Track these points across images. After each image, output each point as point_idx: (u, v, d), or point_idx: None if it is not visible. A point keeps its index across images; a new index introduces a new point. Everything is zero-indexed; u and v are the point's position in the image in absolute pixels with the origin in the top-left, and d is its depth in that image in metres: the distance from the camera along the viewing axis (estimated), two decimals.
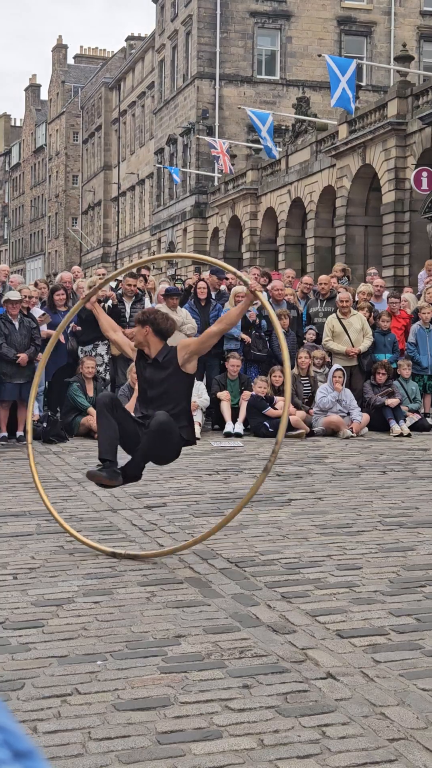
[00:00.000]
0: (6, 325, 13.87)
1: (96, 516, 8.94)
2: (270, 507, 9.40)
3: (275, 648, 5.28)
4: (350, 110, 34.16)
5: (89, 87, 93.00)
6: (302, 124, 43.29)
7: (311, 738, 4.19)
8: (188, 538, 7.98)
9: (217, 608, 6.03)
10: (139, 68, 74.24)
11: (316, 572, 6.91)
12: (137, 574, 6.86)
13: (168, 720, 4.36)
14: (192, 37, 56.87)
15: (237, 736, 4.21)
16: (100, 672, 4.94)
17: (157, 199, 66.22)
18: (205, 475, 11.25)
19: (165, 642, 5.39)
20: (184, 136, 58.11)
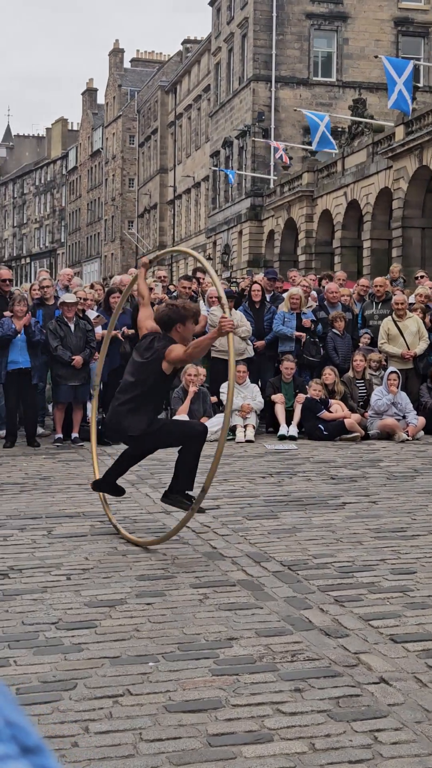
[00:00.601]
0: (62, 327, 13.96)
1: (149, 518, 8.97)
2: (324, 510, 9.36)
3: (328, 652, 5.26)
4: (407, 111, 33.94)
5: (145, 90, 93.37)
6: (358, 126, 43.09)
7: (363, 743, 4.16)
8: (241, 541, 7.98)
9: (269, 611, 6.01)
10: (195, 71, 74.40)
11: (369, 576, 6.86)
12: (190, 576, 6.86)
13: (219, 722, 4.36)
14: (248, 39, 56.86)
15: (288, 739, 4.19)
16: (151, 673, 4.95)
17: (212, 201, 66.30)
18: (259, 477, 11.23)
19: (217, 644, 5.39)
20: (240, 139, 58.11)
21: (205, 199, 69.60)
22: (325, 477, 11.26)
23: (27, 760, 0.56)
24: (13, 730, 0.57)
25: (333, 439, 14.42)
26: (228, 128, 60.91)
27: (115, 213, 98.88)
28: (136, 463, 8.83)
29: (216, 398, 15.09)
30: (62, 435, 14.10)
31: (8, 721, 0.57)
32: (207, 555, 7.50)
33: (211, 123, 66.26)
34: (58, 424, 14.19)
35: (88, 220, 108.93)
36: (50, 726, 4.29)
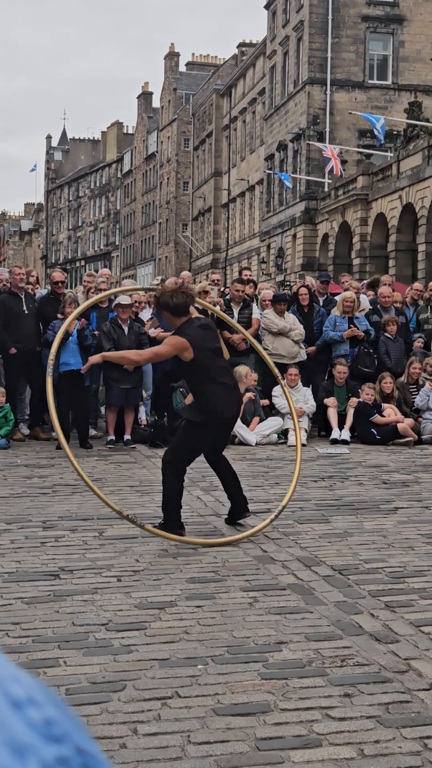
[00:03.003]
0: (115, 329, 14.03)
1: (200, 520, 8.97)
2: (375, 515, 9.31)
3: (377, 657, 5.22)
4: None
5: (200, 94, 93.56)
6: (414, 129, 42.82)
7: (412, 750, 4.12)
8: (292, 545, 7.96)
9: (319, 615, 5.99)
10: (250, 75, 74.41)
11: (421, 581, 6.81)
12: (240, 579, 6.86)
13: (267, 726, 4.35)
14: (303, 42, 56.77)
15: (337, 745, 4.17)
16: (200, 676, 4.95)
17: (266, 205, 66.26)
18: (311, 481, 11.19)
19: (266, 648, 5.38)
20: (295, 142, 58.01)
21: (260, 202, 69.57)
22: (377, 481, 11.20)
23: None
24: (84, 758, 0.57)
25: (385, 443, 14.34)
26: (283, 131, 60.84)
27: (170, 216, 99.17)
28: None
29: (268, 401, 15.07)
30: (114, 437, 14.17)
31: (79, 749, 0.58)
32: (257, 558, 7.49)
33: (266, 126, 66.23)
34: (111, 426, 14.26)
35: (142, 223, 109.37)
36: (99, 727, 4.31)
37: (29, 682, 0.59)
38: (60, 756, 0.56)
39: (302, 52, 57.11)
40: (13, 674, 0.59)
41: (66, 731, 0.58)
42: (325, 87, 55.15)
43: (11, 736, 0.55)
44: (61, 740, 0.57)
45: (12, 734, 0.55)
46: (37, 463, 12.52)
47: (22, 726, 0.56)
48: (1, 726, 0.55)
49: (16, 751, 0.54)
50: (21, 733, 0.55)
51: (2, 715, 0.56)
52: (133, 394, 14.20)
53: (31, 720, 0.57)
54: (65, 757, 0.56)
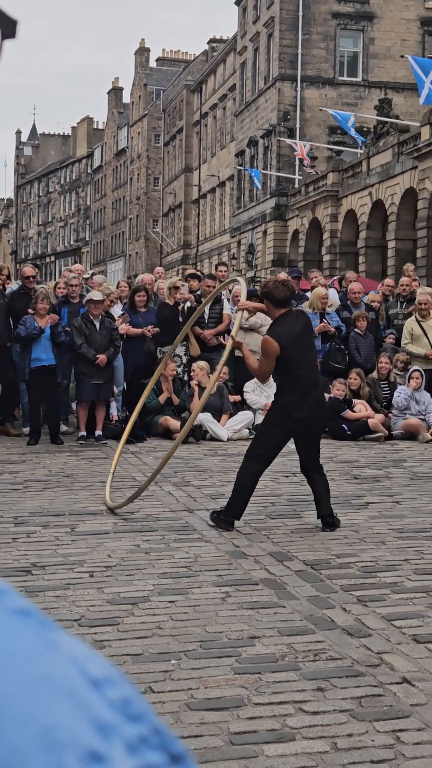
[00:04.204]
0: (87, 325, 13.99)
1: (172, 516, 8.97)
2: (347, 510, 9.34)
3: (350, 651, 5.24)
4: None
5: (171, 90, 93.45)
6: (384, 126, 42.98)
7: (385, 743, 4.14)
8: (264, 540, 7.97)
9: (292, 610, 6.00)
10: (220, 71, 74.40)
11: (392, 576, 6.84)
12: (212, 574, 6.86)
13: (241, 721, 4.35)
14: (274, 39, 56.80)
15: (310, 738, 4.18)
16: (173, 671, 4.95)
17: (237, 201, 66.28)
18: (282, 477, 11.21)
19: (239, 643, 5.38)
20: (265, 139, 58.05)
21: (230, 198, 69.58)
22: (348, 477, 11.24)
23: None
24: (161, 738, 0.58)
25: (356, 438, 14.38)
26: (253, 128, 60.87)
27: (140, 212, 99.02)
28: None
29: (240, 397, 15.08)
30: (86, 433, 14.14)
31: (155, 728, 0.58)
32: (230, 553, 7.50)
33: (237, 122, 66.25)
34: (82, 422, 14.22)
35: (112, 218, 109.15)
36: None
37: (104, 662, 0.60)
38: (140, 735, 0.57)
39: (273, 49, 57.15)
40: (89, 654, 0.60)
41: (143, 710, 0.59)
42: (296, 83, 55.21)
43: (94, 715, 0.55)
44: (139, 719, 0.58)
45: (94, 713, 0.55)
46: (8, 459, 12.46)
47: (103, 705, 0.56)
48: (83, 705, 0.55)
49: (99, 730, 0.55)
50: (102, 711, 0.56)
51: (83, 694, 0.56)
52: (104, 389, 14.17)
53: (111, 699, 0.57)
54: (145, 736, 0.57)
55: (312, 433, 8.64)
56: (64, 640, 0.59)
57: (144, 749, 0.56)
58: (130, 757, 0.55)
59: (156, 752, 0.56)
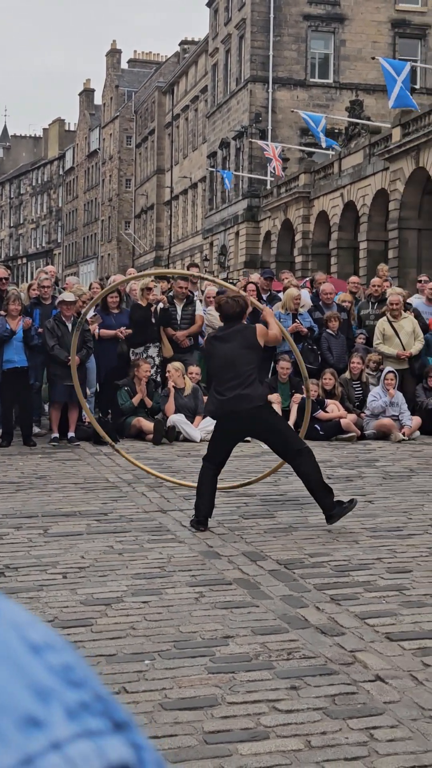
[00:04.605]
0: (59, 326, 13.96)
1: (146, 516, 8.96)
2: (320, 510, 9.34)
3: (324, 650, 5.26)
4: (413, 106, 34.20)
5: (143, 91, 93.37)
6: (355, 128, 43.14)
7: (359, 740, 4.16)
8: (238, 540, 7.97)
9: (265, 609, 6.01)
10: (192, 72, 74.43)
11: (365, 575, 6.87)
12: (186, 574, 6.86)
13: (215, 720, 4.36)
14: (245, 40, 56.88)
15: (284, 737, 4.19)
16: (147, 671, 4.95)
17: (209, 202, 66.32)
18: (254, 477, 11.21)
19: (213, 642, 5.39)
20: (237, 140, 58.12)
21: (202, 200, 69.61)
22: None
23: (120, 735, 0.56)
24: (103, 704, 0.57)
25: (329, 439, 14.42)
26: (225, 129, 60.93)
27: (112, 213, 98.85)
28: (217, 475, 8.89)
29: None
30: (58, 434, 14.10)
31: (97, 695, 0.58)
32: (203, 554, 7.50)
33: (208, 124, 66.29)
34: (54, 424, 14.19)
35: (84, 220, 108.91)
36: None
37: (45, 628, 0.60)
38: (81, 701, 0.56)
39: (244, 50, 57.23)
40: (29, 620, 0.59)
41: (85, 677, 0.58)
42: (267, 85, 55.32)
43: (33, 681, 0.55)
44: (80, 685, 0.57)
45: (34, 678, 0.55)
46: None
47: (43, 670, 0.56)
48: (22, 670, 0.55)
49: (39, 695, 0.54)
50: (42, 677, 0.56)
51: (23, 659, 0.56)
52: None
53: (51, 665, 0.57)
54: (86, 702, 0.56)
55: (253, 428, 8.83)
56: (4, 606, 0.59)
57: (85, 715, 0.56)
58: (69, 722, 0.55)
59: (98, 718, 0.56)
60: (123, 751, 0.55)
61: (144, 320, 15.34)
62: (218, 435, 8.88)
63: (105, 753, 0.54)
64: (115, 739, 0.56)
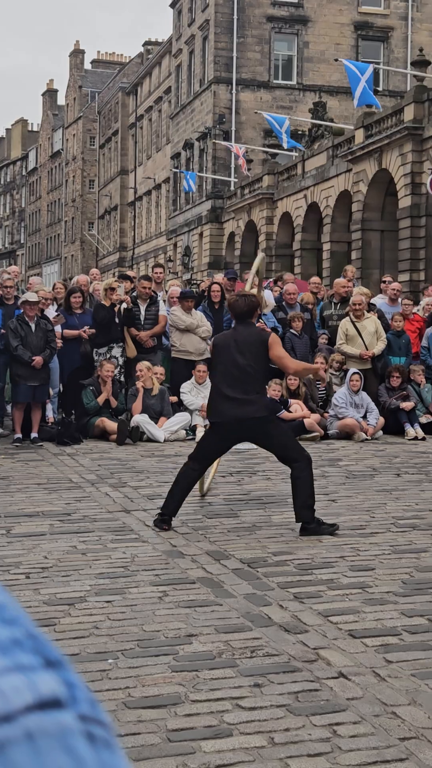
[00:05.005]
0: (22, 326, 13.89)
1: (109, 517, 8.95)
2: (283, 508, 9.38)
3: (287, 647, 5.27)
4: (375, 103, 34.40)
5: (106, 92, 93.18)
6: (319, 129, 43.28)
7: (322, 736, 4.17)
8: (201, 539, 7.97)
9: (229, 608, 6.02)
10: (156, 73, 74.38)
11: (328, 573, 6.89)
12: (149, 574, 6.86)
13: (178, 718, 4.36)
14: (209, 41, 56.92)
15: (247, 734, 4.20)
16: (111, 670, 4.94)
17: (173, 203, 66.30)
18: (219, 476, 11.23)
19: (176, 641, 5.38)
20: (201, 141, 58.15)
21: (166, 201, 69.58)
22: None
23: (52, 672, 0.57)
24: (35, 642, 0.57)
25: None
26: (189, 130, 60.95)
27: (76, 214, 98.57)
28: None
29: (176, 398, 15.08)
30: (21, 435, 14.03)
31: (30, 633, 0.58)
32: (167, 553, 7.50)
33: (172, 125, 66.28)
34: (17, 424, 14.11)
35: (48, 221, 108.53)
36: None
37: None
38: (13, 638, 0.56)
39: (208, 52, 57.27)
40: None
41: (17, 616, 0.58)
42: (231, 86, 55.38)
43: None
44: (12, 623, 0.57)
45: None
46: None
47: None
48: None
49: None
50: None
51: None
52: (40, 391, 14.07)
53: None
54: (18, 639, 0.56)
55: (254, 437, 8.58)
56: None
57: (16, 651, 0.56)
58: (0, 657, 0.55)
59: (29, 655, 0.56)
60: (54, 686, 0.56)
61: (107, 320, 15.31)
62: (214, 438, 8.67)
63: (36, 687, 0.55)
64: (47, 675, 0.56)
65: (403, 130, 33.88)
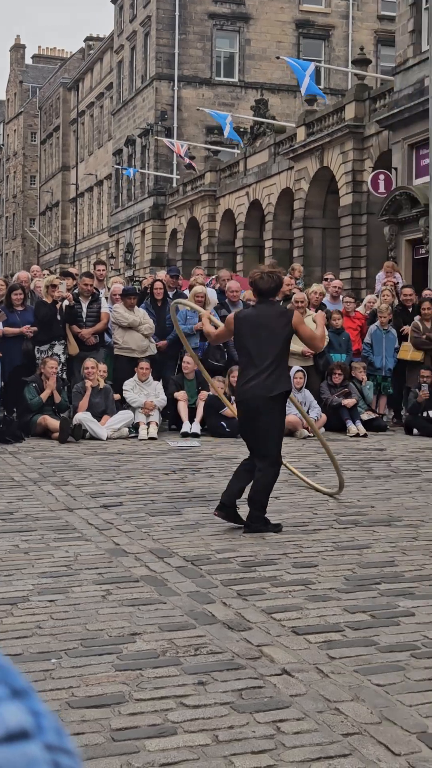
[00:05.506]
0: None
1: (52, 515, 8.89)
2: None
3: (231, 645, 5.28)
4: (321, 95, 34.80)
5: (47, 87, 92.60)
6: (260, 127, 43.40)
7: (266, 733, 4.19)
8: (145, 537, 7.96)
9: (172, 606, 6.01)
10: (97, 69, 74.06)
11: (271, 570, 6.92)
12: (93, 572, 6.83)
13: (122, 717, 4.34)
14: (150, 38, 56.80)
15: (191, 732, 4.20)
16: (54, 670, 4.91)
17: (115, 200, 66.08)
18: (162, 474, 11.23)
19: (120, 640, 5.37)
20: (143, 138, 58.02)
21: (108, 197, 69.33)
22: (227, 473, 11.27)
23: (19, 702, 0.56)
24: (2, 672, 0.57)
25: (235, 436, 14.45)
26: (131, 126, 60.77)
27: (17, 210, 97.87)
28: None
29: (119, 396, 15.04)
30: None
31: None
32: (110, 552, 7.47)
33: (114, 121, 66.04)
34: None
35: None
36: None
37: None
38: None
39: (149, 48, 57.15)
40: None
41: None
42: (173, 83, 55.34)
43: None
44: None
45: None
46: None
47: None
48: None
49: None
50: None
51: None
52: None
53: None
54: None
55: (250, 418, 8.48)
56: None
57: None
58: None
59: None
60: (21, 717, 0.55)
61: (49, 318, 15.22)
62: (240, 422, 8.84)
63: (3, 719, 0.54)
64: (14, 706, 0.55)
65: (344, 129, 34.10)
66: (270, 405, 8.31)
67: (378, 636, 5.45)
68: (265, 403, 8.28)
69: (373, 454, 13.22)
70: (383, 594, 6.32)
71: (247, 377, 8.35)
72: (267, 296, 8.57)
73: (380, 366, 16.63)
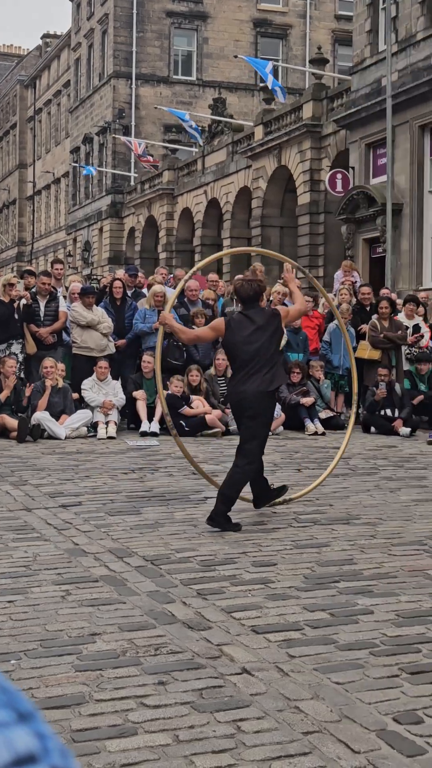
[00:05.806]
0: None
1: (10, 515, 8.85)
2: (185, 505, 9.41)
3: (190, 644, 5.29)
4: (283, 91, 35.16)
5: (4, 84, 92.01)
6: (218, 125, 43.43)
7: (226, 733, 4.19)
8: (104, 537, 7.94)
9: (132, 606, 6.01)
10: (54, 66, 73.72)
11: (231, 569, 6.93)
12: (52, 573, 6.80)
13: (83, 718, 4.34)
14: (108, 35, 56.64)
15: (152, 732, 4.20)
16: (14, 671, 4.89)
17: (72, 198, 65.83)
18: (121, 473, 11.21)
19: (80, 640, 5.36)
20: (101, 136, 57.84)
21: (66, 195, 69.05)
22: (186, 472, 11.30)
23: (25, 726, 0.56)
24: (7, 695, 0.57)
25: (194, 434, 14.49)
26: (88, 124, 60.57)
27: None
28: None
29: (78, 395, 14.98)
30: None
31: (2, 687, 0.57)
32: (69, 552, 7.45)
33: (72, 119, 65.79)
34: None
35: None
36: None
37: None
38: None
39: (107, 46, 57.00)
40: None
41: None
42: (131, 81, 55.23)
43: None
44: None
45: None
46: None
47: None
48: None
49: None
50: None
51: None
52: None
53: None
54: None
55: (248, 416, 8.60)
56: None
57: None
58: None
59: (2, 710, 0.56)
60: (29, 741, 0.56)
61: (6, 317, 15.14)
62: (237, 419, 8.99)
63: (12, 744, 0.54)
64: (21, 730, 0.56)
65: (302, 128, 34.21)
66: (267, 401, 8.56)
67: (337, 634, 5.48)
68: (263, 398, 8.49)
69: (332, 453, 13.25)
70: (342, 592, 6.35)
71: (247, 375, 8.50)
72: (251, 303, 8.77)
73: (338, 364, 16.71)
